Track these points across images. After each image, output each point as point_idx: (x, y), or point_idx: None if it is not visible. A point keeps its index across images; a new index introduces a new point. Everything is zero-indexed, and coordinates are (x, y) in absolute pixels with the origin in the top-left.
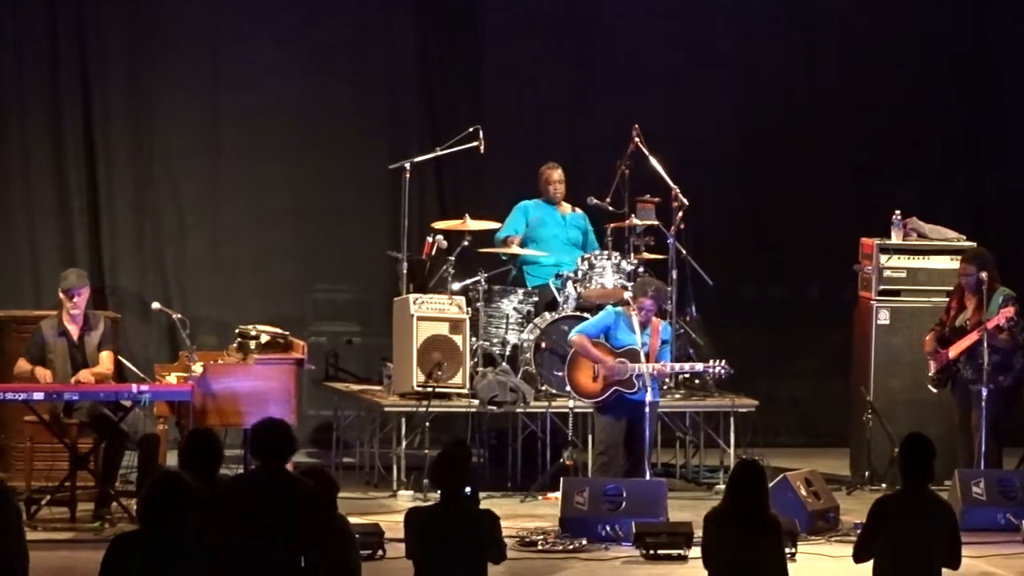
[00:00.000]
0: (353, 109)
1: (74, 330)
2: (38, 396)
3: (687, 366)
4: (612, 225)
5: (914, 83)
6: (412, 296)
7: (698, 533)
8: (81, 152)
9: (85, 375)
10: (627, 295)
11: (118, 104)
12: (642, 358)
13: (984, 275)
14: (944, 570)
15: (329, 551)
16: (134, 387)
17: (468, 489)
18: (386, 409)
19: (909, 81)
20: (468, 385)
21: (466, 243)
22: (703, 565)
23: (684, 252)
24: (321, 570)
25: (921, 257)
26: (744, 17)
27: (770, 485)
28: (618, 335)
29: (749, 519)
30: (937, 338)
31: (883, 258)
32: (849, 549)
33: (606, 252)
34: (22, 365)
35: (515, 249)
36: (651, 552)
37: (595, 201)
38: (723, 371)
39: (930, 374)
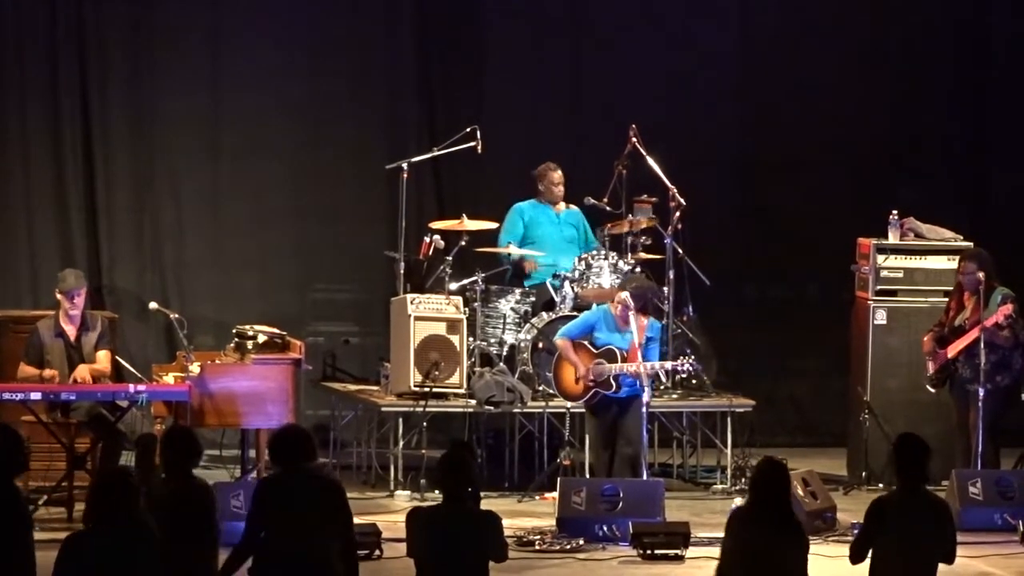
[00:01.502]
0: (352, 109)
1: (71, 331)
2: (35, 396)
3: (657, 365)
4: (609, 225)
5: (914, 82)
6: (409, 296)
7: (695, 533)
8: (80, 151)
9: (83, 370)
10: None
11: (117, 103)
12: (619, 357)
13: (982, 275)
14: (940, 565)
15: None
16: (131, 387)
17: (470, 489)
18: (383, 409)
19: (909, 80)
20: (465, 385)
21: (463, 243)
22: (719, 565)
23: (681, 252)
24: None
25: (918, 257)
26: (743, 16)
27: None
28: (599, 334)
29: (773, 518)
30: (936, 338)
31: (880, 258)
32: (846, 549)
33: (603, 252)
34: (26, 370)
35: (513, 249)
36: (648, 552)
37: (592, 201)
38: (691, 367)
39: (928, 374)
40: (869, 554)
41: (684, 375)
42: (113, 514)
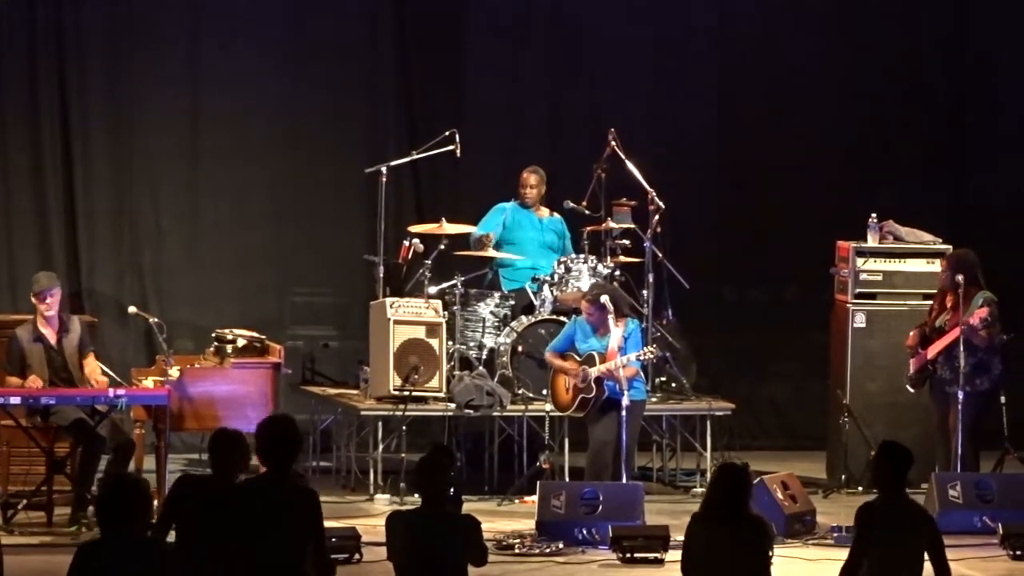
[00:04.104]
0: (332, 112)
1: (50, 334)
2: (15, 400)
3: (625, 359)
4: (588, 228)
5: (894, 85)
6: (388, 300)
7: (675, 536)
8: (59, 154)
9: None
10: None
11: (96, 105)
12: (598, 361)
13: (960, 278)
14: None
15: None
16: (111, 391)
17: (451, 490)
18: (363, 413)
19: (889, 83)
20: (445, 389)
21: (442, 247)
22: (681, 570)
23: (660, 255)
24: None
25: (897, 260)
26: (723, 18)
27: None
28: (580, 342)
29: (732, 520)
30: (920, 336)
31: (859, 261)
32: (826, 552)
33: (583, 256)
34: (12, 382)
35: (491, 252)
36: (628, 555)
37: (571, 204)
38: (654, 356)
39: (909, 373)
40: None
41: (650, 363)
42: (123, 521)
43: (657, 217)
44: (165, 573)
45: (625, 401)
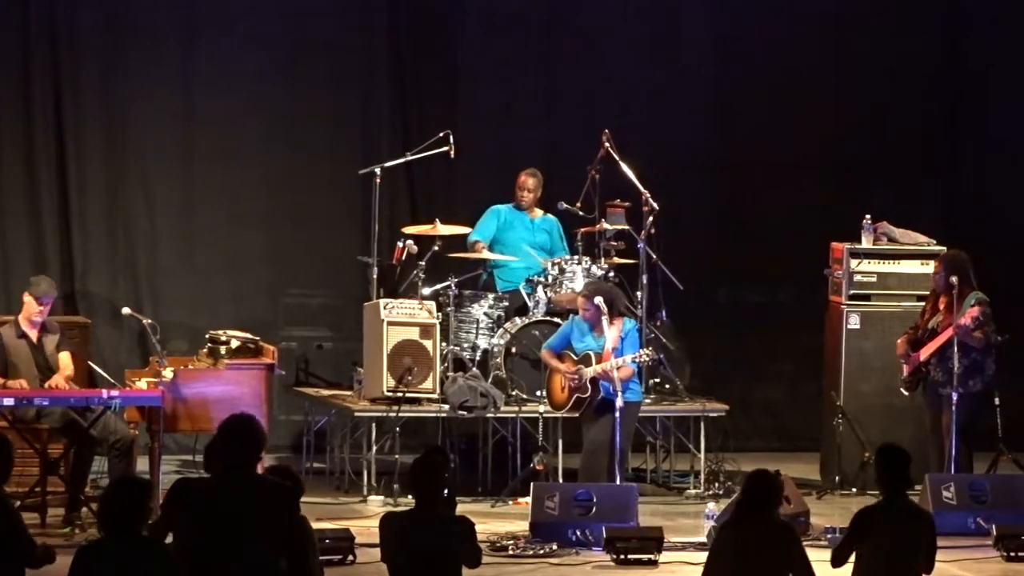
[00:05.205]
0: (326, 113)
1: (33, 333)
2: (8, 402)
3: (619, 360)
4: (582, 230)
5: (890, 85)
6: (382, 301)
7: (668, 538)
8: (52, 155)
9: (59, 381)
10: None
11: (90, 106)
12: (593, 361)
13: (954, 279)
14: None
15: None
16: (104, 392)
17: (446, 491)
18: (357, 414)
19: (885, 83)
20: (438, 390)
21: (436, 248)
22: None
23: (654, 256)
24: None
25: (891, 261)
26: (718, 18)
27: None
28: (576, 342)
29: (758, 524)
30: (910, 341)
31: (853, 262)
32: (819, 554)
33: (576, 257)
34: None
35: (485, 254)
36: (622, 557)
37: (565, 206)
38: (648, 358)
39: (902, 377)
40: (849, 560)
41: (646, 365)
42: (126, 523)
43: (651, 218)
44: (165, 575)
45: (619, 402)
